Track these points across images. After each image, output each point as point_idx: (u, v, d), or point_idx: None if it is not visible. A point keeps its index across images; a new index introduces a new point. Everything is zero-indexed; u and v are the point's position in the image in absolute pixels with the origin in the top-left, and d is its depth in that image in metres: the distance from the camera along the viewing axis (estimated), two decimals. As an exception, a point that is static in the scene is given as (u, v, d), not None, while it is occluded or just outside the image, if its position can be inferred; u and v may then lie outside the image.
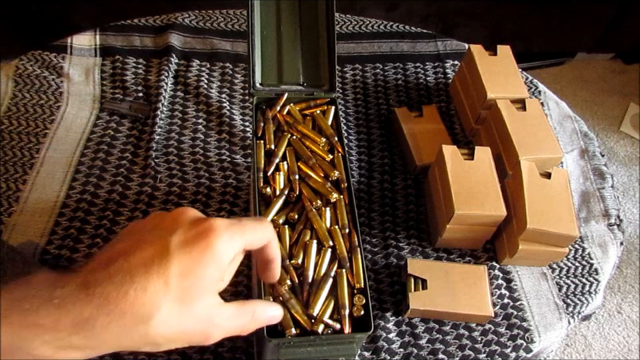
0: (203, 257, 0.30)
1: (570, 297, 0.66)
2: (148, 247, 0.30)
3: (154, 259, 0.29)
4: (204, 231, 0.31)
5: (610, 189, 0.77)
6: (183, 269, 0.30)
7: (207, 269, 0.31)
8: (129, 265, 0.29)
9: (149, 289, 0.28)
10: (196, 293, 0.30)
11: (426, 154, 0.73)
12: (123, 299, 0.28)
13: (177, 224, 0.32)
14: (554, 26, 1.79)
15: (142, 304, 0.28)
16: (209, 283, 0.31)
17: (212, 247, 0.31)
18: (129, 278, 0.28)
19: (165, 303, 0.29)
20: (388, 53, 0.91)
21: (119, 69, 0.82)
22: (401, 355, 0.59)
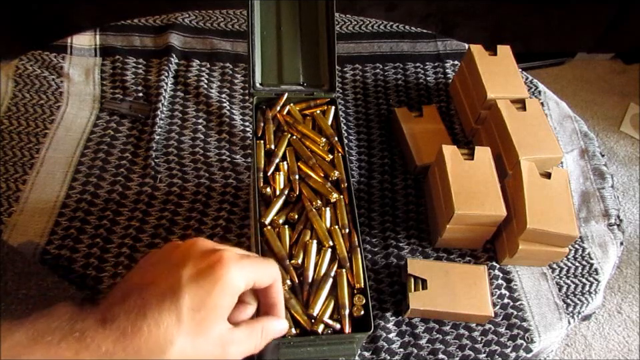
0: (214, 288, 0.31)
1: (570, 297, 0.66)
2: (161, 282, 0.31)
3: (166, 294, 0.30)
4: (214, 263, 0.32)
5: (610, 188, 0.77)
6: (194, 302, 0.31)
7: (218, 300, 0.31)
8: (143, 301, 0.30)
9: (161, 324, 0.30)
10: (209, 324, 0.31)
11: (426, 154, 0.73)
12: (138, 335, 0.29)
13: (188, 256, 0.32)
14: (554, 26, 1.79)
15: (156, 339, 0.29)
16: (220, 313, 0.32)
17: (223, 278, 0.31)
18: (143, 314, 0.30)
19: (179, 337, 0.30)
20: (388, 52, 0.91)
21: (118, 69, 0.82)
22: (401, 355, 0.59)
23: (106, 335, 0.29)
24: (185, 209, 0.68)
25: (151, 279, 0.31)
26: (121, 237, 0.64)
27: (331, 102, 0.58)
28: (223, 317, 0.33)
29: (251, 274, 0.34)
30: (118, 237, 0.64)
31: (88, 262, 0.62)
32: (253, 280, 0.34)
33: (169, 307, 0.30)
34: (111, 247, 0.64)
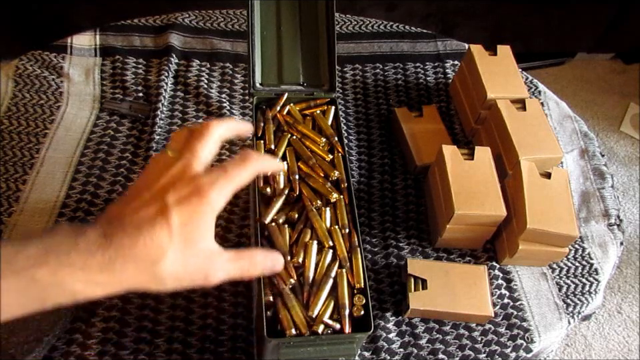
0: (199, 208, 0.35)
1: (570, 297, 0.66)
2: (150, 207, 0.35)
3: (157, 216, 0.35)
4: (196, 191, 0.36)
5: (610, 188, 0.77)
6: (182, 220, 0.35)
7: (203, 218, 0.36)
8: (138, 219, 0.35)
9: (155, 238, 0.34)
10: (196, 238, 0.36)
11: (426, 154, 0.73)
12: (135, 247, 0.34)
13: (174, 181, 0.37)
14: (554, 26, 1.79)
15: (150, 250, 0.34)
16: (205, 229, 0.36)
17: (205, 201, 0.36)
18: (138, 230, 0.34)
19: (170, 248, 0.34)
20: (388, 53, 0.91)
21: (118, 69, 0.82)
22: (401, 355, 0.59)
23: (108, 245, 0.33)
24: (185, 209, 0.67)
25: (142, 203, 0.36)
26: (121, 237, 0.64)
27: (330, 102, 0.58)
28: (209, 232, 0.36)
29: (228, 190, 0.38)
30: (118, 237, 0.64)
31: (88, 262, 0.62)
32: (232, 192, 0.38)
33: (161, 224, 0.34)
34: (111, 247, 0.63)
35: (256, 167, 0.40)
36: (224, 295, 0.61)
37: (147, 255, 0.34)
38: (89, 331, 0.57)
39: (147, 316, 0.59)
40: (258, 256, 0.40)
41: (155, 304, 0.60)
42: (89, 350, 0.56)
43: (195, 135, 0.39)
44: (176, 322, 0.58)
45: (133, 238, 0.34)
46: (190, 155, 0.38)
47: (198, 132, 0.39)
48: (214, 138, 0.39)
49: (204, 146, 0.39)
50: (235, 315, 0.60)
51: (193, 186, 0.36)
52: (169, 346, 0.57)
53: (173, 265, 0.35)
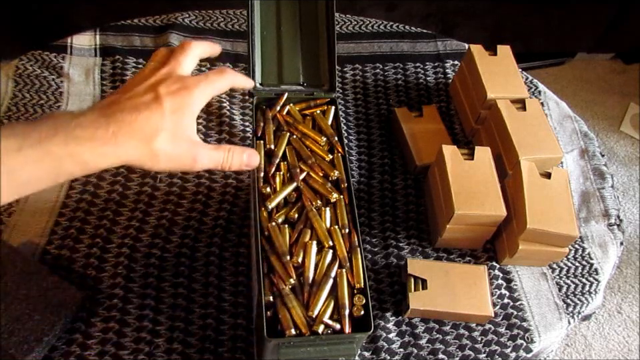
0: (186, 100, 0.42)
1: (570, 297, 0.66)
2: (145, 95, 0.41)
3: (151, 102, 0.40)
4: (183, 87, 0.42)
5: (610, 188, 0.77)
6: (173, 107, 0.41)
7: (189, 109, 0.42)
8: (134, 104, 0.40)
9: (151, 118, 0.39)
10: (184, 125, 0.42)
11: (426, 154, 0.73)
12: (134, 124, 0.39)
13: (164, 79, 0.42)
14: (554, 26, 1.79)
15: (146, 128, 0.39)
16: (191, 120, 0.42)
17: (191, 95, 0.42)
18: (136, 111, 0.39)
19: (163, 128, 0.40)
20: (388, 53, 0.91)
21: (118, 69, 0.82)
22: (401, 355, 0.59)
23: (109, 121, 0.38)
24: (184, 209, 0.68)
25: (135, 94, 0.41)
26: (121, 237, 0.64)
27: (330, 102, 0.58)
28: (193, 123, 0.43)
29: (210, 91, 0.44)
30: (118, 237, 0.64)
31: (88, 262, 0.62)
32: (212, 94, 0.45)
33: (155, 108, 0.40)
34: (111, 247, 0.64)
35: (232, 78, 0.47)
36: (224, 295, 0.61)
37: (144, 132, 0.39)
38: (88, 331, 0.57)
39: (147, 316, 0.59)
40: (236, 149, 0.46)
41: (155, 304, 0.60)
42: (88, 350, 0.56)
43: (177, 49, 0.46)
44: (176, 322, 0.59)
45: (133, 116, 0.39)
46: (175, 62, 0.44)
47: (180, 47, 0.46)
48: (194, 53, 0.46)
49: (186, 58, 0.45)
50: (235, 315, 0.60)
51: (180, 83, 0.42)
52: (169, 346, 0.57)
53: (166, 143, 0.40)
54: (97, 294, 0.60)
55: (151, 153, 0.40)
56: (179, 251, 0.64)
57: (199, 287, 0.61)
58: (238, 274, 0.63)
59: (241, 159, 0.46)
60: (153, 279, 0.61)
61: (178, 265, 0.63)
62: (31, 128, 0.36)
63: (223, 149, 0.45)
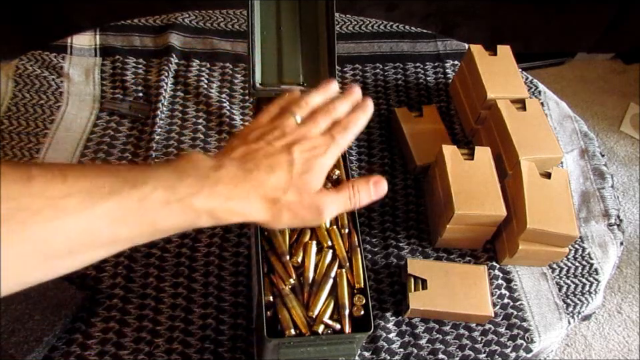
0: (317, 165, 0.43)
1: (570, 297, 0.66)
2: (282, 155, 0.42)
3: (284, 163, 0.41)
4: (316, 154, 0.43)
5: (610, 188, 0.77)
6: (303, 169, 0.42)
7: (318, 172, 0.43)
8: (270, 163, 0.41)
9: (281, 179, 0.41)
10: (311, 186, 0.42)
11: (426, 154, 0.73)
12: (267, 183, 0.40)
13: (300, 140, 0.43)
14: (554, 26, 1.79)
15: (276, 188, 0.41)
16: (318, 181, 0.43)
17: (322, 161, 0.43)
18: (271, 171, 0.41)
19: (290, 189, 0.41)
20: (388, 53, 0.91)
21: (118, 69, 0.82)
22: (401, 355, 0.59)
23: (247, 180, 0.40)
24: (184, 209, 0.68)
25: (273, 150, 0.42)
26: (121, 237, 0.64)
27: (331, 102, 0.58)
28: (320, 182, 0.43)
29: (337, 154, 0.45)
30: (118, 237, 0.64)
31: (88, 262, 0.62)
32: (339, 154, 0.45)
33: (287, 170, 0.41)
34: (111, 247, 0.63)
35: (355, 133, 0.47)
36: (224, 295, 0.61)
37: (274, 193, 0.40)
38: (89, 331, 0.57)
39: (147, 316, 0.59)
40: (360, 182, 0.45)
41: (155, 304, 0.60)
42: (88, 350, 0.56)
43: (322, 111, 0.46)
44: (176, 322, 0.59)
45: (267, 176, 0.40)
46: (313, 124, 0.45)
47: (325, 110, 0.46)
48: (335, 117, 0.46)
49: (325, 120, 0.46)
50: (235, 315, 0.60)
51: (313, 147, 0.43)
52: (169, 346, 0.57)
53: (290, 203, 0.41)
54: (97, 294, 0.60)
55: (276, 213, 0.41)
56: (178, 250, 0.64)
57: (199, 287, 0.61)
58: (238, 274, 0.63)
59: (368, 193, 0.45)
60: (152, 279, 0.61)
61: (178, 264, 0.63)
62: (177, 179, 0.37)
63: (346, 187, 0.44)
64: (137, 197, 0.35)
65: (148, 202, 0.35)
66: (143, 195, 0.35)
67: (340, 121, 0.47)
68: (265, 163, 0.41)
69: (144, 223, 0.36)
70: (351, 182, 0.45)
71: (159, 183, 0.36)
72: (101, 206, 0.33)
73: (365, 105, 0.49)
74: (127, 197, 0.34)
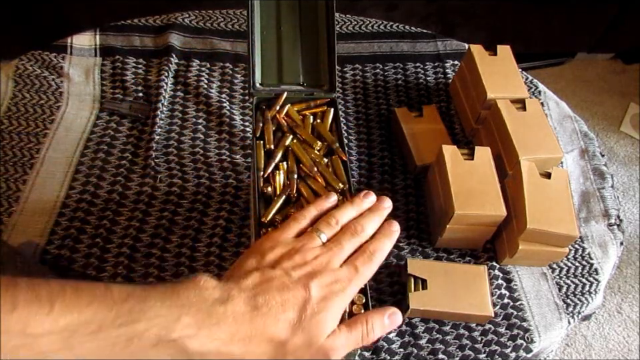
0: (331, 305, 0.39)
1: (570, 297, 0.66)
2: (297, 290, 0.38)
3: (299, 302, 0.38)
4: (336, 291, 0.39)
5: (610, 188, 0.77)
6: (317, 309, 0.38)
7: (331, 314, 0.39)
8: (282, 300, 0.38)
9: (292, 319, 0.37)
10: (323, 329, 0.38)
11: (426, 154, 0.73)
12: (274, 325, 0.37)
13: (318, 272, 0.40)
14: (554, 26, 1.79)
15: (284, 329, 0.37)
16: (333, 323, 0.39)
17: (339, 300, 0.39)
18: (282, 310, 0.37)
19: (300, 330, 0.37)
20: (388, 52, 0.91)
21: (118, 69, 0.82)
22: (401, 354, 0.59)
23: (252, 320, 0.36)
24: (184, 209, 0.68)
25: (289, 282, 0.39)
26: (121, 237, 0.64)
27: (330, 102, 0.58)
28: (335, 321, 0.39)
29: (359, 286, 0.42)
30: (118, 237, 0.64)
31: (88, 262, 0.62)
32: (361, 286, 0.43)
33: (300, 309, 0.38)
34: (111, 246, 0.64)
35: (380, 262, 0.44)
36: (224, 295, 0.61)
37: (280, 335, 0.37)
38: (88, 331, 0.57)
39: (147, 316, 0.58)
40: (374, 316, 0.41)
41: (155, 304, 0.59)
42: (88, 350, 0.56)
43: (348, 232, 0.43)
44: (176, 322, 0.58)
45: (275, 317, 0.37)
46: (338, 250, 0.42)
47: (352, 232, 0.44)
48: (362, 239, 0.44)
49: (352, 244, 0.43)
50: (235, 315, 0.60)
51: (333, 281, 0.40)
52: (169, 346, 0.57)
53: (298, 346, 0.37)
54: (97, 294, 0.60)
55: (279, 356, 0.37)
56: (178, 250, 0.64)
57: (199, 287, 0.61)
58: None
59: (382, 326, 0.42)
60: (153, 279, 0.61)
61: (178, 264, 0.63)
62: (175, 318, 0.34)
63: (360, 323, 0.41)
64: (124, 337, 0.32)
65: (137, 342, 0.33)
66: (133, 334, 0.32)
67: (364, 248, 0.43)
68: (278, 298, 0.37)
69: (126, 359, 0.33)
70: (365, 316, 0.41)
71: (155, 322, 0.33)
72: (80, 347, 0.31)
73: (391, 230, 0.46)
74: (113, 336, 0.32)
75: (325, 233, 0.44)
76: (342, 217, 0.45)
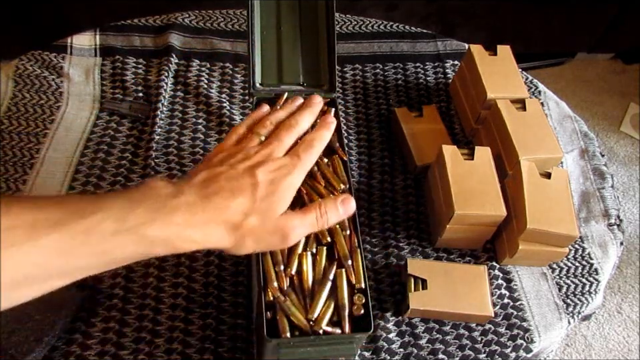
0: (281, 187, 0.41)
1: (570, 297, 0.66)
2: (244, 178, 0.41)
3: (248, 187, 0.40)
4: (281, 173, 0.42)
5: (610, 188, 0.77)
6: (267, 192, 0.41)
7: (282, 194, 0.42)
8: (232, 187, 0.40)
9: (244, 204, 0.40)
10: (275, 209, 0.41)
11: (426, 154, 0.73)
12: (228, 210, 0.39)
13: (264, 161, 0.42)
14: (554, 26, 1.79)
15: (238, 213, 0.39)
16: (283, 203, 0.42)
17: (287, 182, 0.42)
18: (232, 196, 0.40)
19: (253, 213, 0.40)
20: (388, 52, 0.91)
21: (118, 69, 0.82)
22: (401, 355, 0.59)
23: (205, 207, 0.39)
24: (184, 209, 0.67)
25: (236, 173, 0.41)
26: (121, 237, 0.64)
27: (331, 102, 0.58)
28: (286, 203, 0.42)
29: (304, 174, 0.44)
30: (118, 237, 0.64)
31: (88, 262, 0.62)
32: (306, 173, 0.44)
33: (250, 193, 0.40)
34: (111, 247, 0.63)
35: (320, 150, 0.46)
36: (224, 295, 0.61)
37: (235, 218, 0.39)
38: (89, 331, 0.57)
39: (147, 316, 0.59)
40: (327, 203, 0.44)
41: (155, 304, 0.60)
42: (88, 350, 0.56)
43: (284, 127, 0.46)
44: (176, 322, 0.58)
45: (228, 201, 0.39)
46: (277, 143, 0.44)
47: (287, 125, 0.46)
48: (299, 131, 0.46)
49: (290, 137, 0.45)
50: (235, 315, 0.60)
51: (278, 167, 0.42)
52: (169, 346, 0.57)
53: (254, 227, 0.40)
54: (97, 294, 0.60)
55: (239, 239, 0.40)
56: (178, 250, 0.64)
57: (199, 287, 0.61)
58: (238, 274, 0.63)
59: (336, 212, 0.44)
60: (152, 279, 0.61)
61: (178, 265, 0.63)
62: (128, 209, 0.36)
63: (313, 208, 0.43)
64: (83, 228, 0.34)
65: (95, 232, 0.35)
66: (90, 226, 0.35)
67: (304, 139, 0.46)
68: (227, 187, 0.40)
69: (93, 253, 0.35)
70: (317, 203, 0.44)
71: (109, 213, 0.35)
72: (45, 238, 0.33)
73: (327, 122, 0.48)
74: (72, 228, 0.34)
75: (262, 133, 0.46)
76: (275, 118, 0.48)
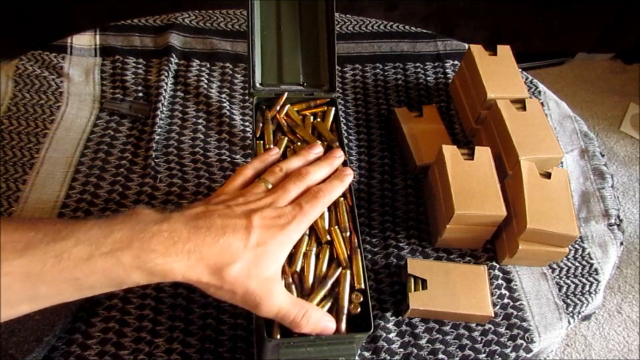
0: (274, 239, 0.39)
1: (570, 297, 0.66)
2: (239, 219, 0.38)
3: (240, 229, 0.38)
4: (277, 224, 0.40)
5: (610, 189, 0.77)
6: (259, 240, 0.38)
7: (275, 249, 0.39)
8: (223, 224, 0.38)
9: (233, 245, 0.37)
10: (264, 264, 0.38)
11: (426, 154, 0.73)
12: (213, 246, 0.36)
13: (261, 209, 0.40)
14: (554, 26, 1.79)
15: (223, 254, 0.37)
16: (273, 260, 0.39)
17: (282, 235, 0.40)
18: (222, 234, 0.37)
19: (241, 259, 0.37)
20: (388, 52, 0.91)
21: (118, 69, 0.82)
22: (401, 355, 0.59)
23: (190, 238, 0.36)
24: (184, 209, 0.68)
25: (231, 213, 0.39)
26: (121, 237, 0.64)
27: (331, 102, 0.58)
28: (279, 261, 0.39)
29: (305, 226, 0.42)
30: (118, 237, 0.64)
31: (88, 262, 0.62)
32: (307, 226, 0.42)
33: (241, 237, 0.37)
34: (111, 247, 0.63)
35: (327, 202, 0.44)
36: (224, 295, 0.61)
37: (219, 258, 0.37)
38: (89, 331, 0.57)
39: (147, 316, 0.59)
40: (314, 312, 0.41)
41: (155, 304, 0.60)
42: (88, 350, 0.56)
43: (294, 177, 0.44)
44: (176, 322, 0.59)
45: (215, 238, 0.37)
46: (282, 192, 0.43)
47: (297, 175, 0.44)
48: (309, 183, 0.44)
49: (297, 188, 0.44)
50: (235, 315, 0.60)
51: (276, 216, 0.40)
52: (169, 346, 0.57)
53: (237, 276, 0.37)
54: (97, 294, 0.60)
55: (217, 283, 0.37)
56: (178, 251, 0.64)
57: (199, 287, 0.61)
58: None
59: (316, 325, 0.41)
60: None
61: (178, 265, 0.63)
62: (107, 233, 0.34)
63: (299, 306, 0.40)
64: (54, 253, 0.33)
65: (67, 258, 0.33)
66: (61, 250, 0.33)
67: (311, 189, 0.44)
68: (219, 223, 0.37)
69: (64, 280, 0.33)
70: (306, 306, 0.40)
71: (83, 237, 0.34)
72: (12, 262, 0.31)
73: (344, 174, 0.46)
74: (42, 252, 0.32)
75: (270, 181, 0.44)
76: (288, 165, 0.46)
